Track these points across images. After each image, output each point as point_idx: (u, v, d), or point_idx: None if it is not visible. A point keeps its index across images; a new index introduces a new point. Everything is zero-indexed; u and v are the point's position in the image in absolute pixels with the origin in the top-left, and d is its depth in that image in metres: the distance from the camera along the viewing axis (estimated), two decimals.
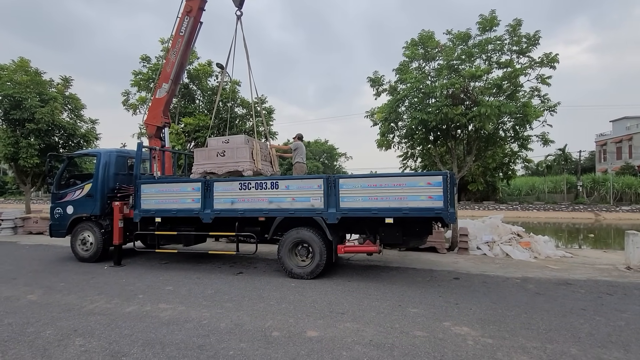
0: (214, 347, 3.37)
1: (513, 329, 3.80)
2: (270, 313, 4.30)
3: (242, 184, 6.26)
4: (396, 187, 5.44)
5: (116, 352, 3.27)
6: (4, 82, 13.01)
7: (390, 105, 8.60)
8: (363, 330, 3.75)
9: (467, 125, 8.28)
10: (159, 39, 13.80)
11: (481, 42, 8.04)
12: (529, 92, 8.32)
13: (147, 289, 5.41)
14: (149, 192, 6.96)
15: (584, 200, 33.70)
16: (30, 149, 13.23)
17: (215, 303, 4.71)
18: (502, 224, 8.91)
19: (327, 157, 57.50)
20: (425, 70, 8.81)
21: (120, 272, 6.60)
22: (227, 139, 7.37)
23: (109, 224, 7.43)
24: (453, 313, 4.29)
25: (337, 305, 4.57)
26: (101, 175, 7.65)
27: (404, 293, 5.13)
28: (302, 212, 5.92)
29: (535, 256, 7.90)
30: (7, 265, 7.32)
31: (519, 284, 5.67)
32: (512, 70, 7.68)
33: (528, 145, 8.94)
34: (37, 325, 3.93)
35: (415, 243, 6.33)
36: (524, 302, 4.74)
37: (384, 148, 9.72)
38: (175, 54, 8.58)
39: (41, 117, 12.85)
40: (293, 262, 6.10)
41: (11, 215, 13.08)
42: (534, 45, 7.85)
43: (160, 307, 4.54)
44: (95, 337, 3.60)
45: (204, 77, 14.36)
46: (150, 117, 8.75)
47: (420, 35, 8.68)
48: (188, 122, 12.54)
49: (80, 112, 15.34)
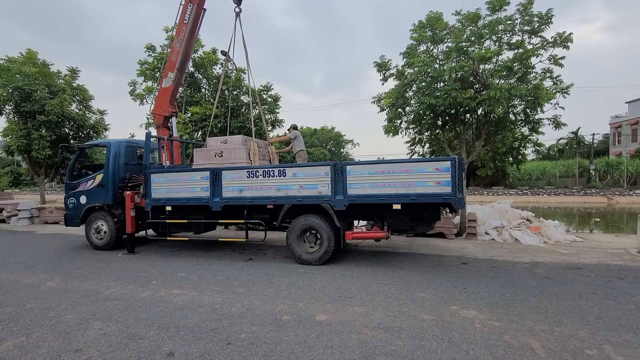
0: (227, 330, 3.48)
1: (521, 312, 3.83)
2: (280, 298, 4.40)
3: (250, 172, 6.30)
4: (404, 173, 5.42)
5: (133, 335, 3.40)
6: (13, 75, 13.17)
7: (397, 90, 8.47)
8: (371, 314, 3.82)
9: (477, 109, 8.13)
10: (163, 28, 13.75)
11: (491, 23, 7.80)
12: (540, 74, 8.09)
13: (161, 275, 5.57)
14: (158, 181, 7.07)
15: (597, 184, 33.11)
16: (42, 140, 13.49)
17: (227, 288, 4.83)
18: (511, 209, 8.84)
19: (334, 145, 57.24)
20: (434, 53, 8.62)
21: (134, 260, 6.79)
22: (225, 139, 7.50)
23: (121, 213, 7.60)
24: (461, 297, 4.33)
25: (346, 290, 4.65)
26: (112, 166, 7.78)
27: (411, 278, 5.18)
28: (309, 199, 5.96)
29: (545, 241, 7.86)
30: (26, 253, 7.59)
31: (527, 269, 5.67)
32: (523, 51, 7.45)
33: (539, 129, 8.76)
34: (58, 310, 4.10)
35: (423, 229, 6.34)
36: (533, 286, 4.75)
37: (392, 134, 9.63)
38: (180, 42, 8.54)
39: (51, 108, 13.03)
40: (302, 248, 6.19)
41: (27, 205, 13.43)
42: (546, 25, 7.58)
43: (174, 293, 4.67)
44: (113, 321, 3.75)
45: (209, 66, 14.32)
46: (158, 107, 8.79)
47: (428, 16, 8.45)
48: (194, 112, 12.58)
49: (89, 103, 15.50)
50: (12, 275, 5.77)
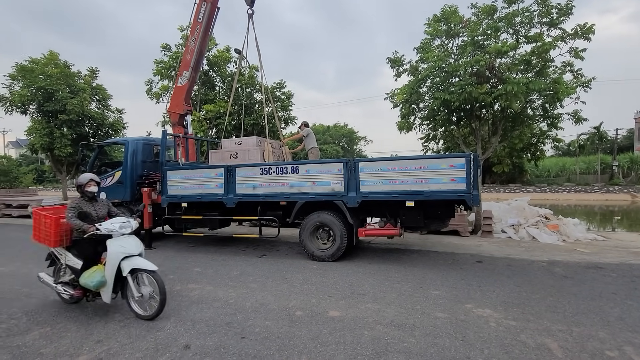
0: (241, 324, 3.55)
1: (538, 311, 3.75)
2: (293, 294, 4.45)
3: (263, 169, 6.36)
4: (417, 169, 5.37)
5: (151, 328, 3.51)
6: (36, 76, 13.66)
7: (411, 86, 8.37)
8: (384, 311, 3.81)
9: (493, 104, 7.95)
10: (178, 27, 13.94)
11: (508, 15, 7.58)
12: (560, 67, 7.83)
13: (177, 270, 5.71)
14: (174, 178, 7.22)
15: (620, 181, 31.89)
16: (64, 139, 13.97)
17: (241, 284, 4.91)
18: (529, 207, 8.63)
19: (346, 141, 57.07)
20: (448, 47, 8.46)
21: (151, 254, 6.97)
22: (239, 141, 7.59)
23: (139, 209, 7.80)
24: (475, 295, 4.27)
25: (359, 287, 4.65)
26: (130, 163, 7.99)
27: (425, 275, 5.14)
28: (322, 196, 5.98)
29: (564, 239, 7.64)
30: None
31: (545, 267, 5.54)
32: (541, 44, 7.22)
33: (558, 124, 8.49)
34: (80, 303, 4.25)
35: (437, 226, 6.26)
36: (550, 285, 4.64)
37: (405, 130, 9.53)
38: (194, 41, 8.66)
39: (72, 108, 13.47)
40: (314, 245, 6.22)
41: (51, 201, 13.98)
42: (566, 16, 7.32)
43: (190, 287, 4.79)
44: (132, 314, 3.87)
45: (223, 64, 14.47)
46: (173, 105, 8.95)
47: (443, 10, 8.29)
48: (209, 109, 12.76)
49: (107, 102, 15.94)
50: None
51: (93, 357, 2.96)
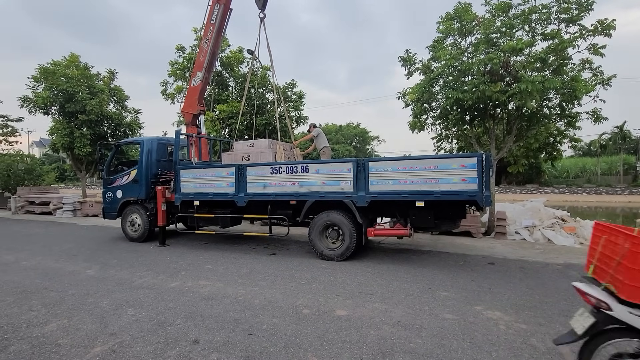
0: (249, 321, 3.60)
1: (550, 315, 3.66)
2: (301, 292, 4.48)
3: (274, 168, 6.42)
4: (427, 169, 5.31)
5: (162, 322, 3.60)
6: (58, 77, 14.16)
7: (423, 85, 8.27)
8: (391, 311, 3.80)
9: (507, 103, 7.78)
10: (192, 29, 14.19)
11: (524, 12, 7.40)
12: (578, 65, 7.59)
13: (189, 267, 5.83)
14: (187, 177, 7.37)
15: None
16: (84, 138, 14.45)
17: (250, 281, 4.97)
18: (545, 208, 8.41)
19: (359, 141, 56.81)
20: (461, 46, 8.32)
21: (164, 251, 7.15)
22: (252, 143, 7.67)
23: (153, 207, 8.00)
24: (486, 298, 4.20)
25: (367, 287, 4.65)
26: (145, 162, 8.20)
27: (434, 276, 5.08)
28: (332, 196, 5.99)
29: (581, 242, 7.42)
30: (69, 243, 8.19)
31: (560, 270, 5.39)
32: (559, 41, 7.01)
33: (576, 124, 8.23)
34: (96, 296, 4.41)
35: (448, 227, 6.18)
36: (565, 289, 4.51)
37: (417, 130, 9.42)
38: (208, 42, 8.80)
39: (91, 108, 13.91)
40: (324, 244, 6.24)
41: (71, 199, 14.48)
42: (586, 12, 7.09)
43: (201, 284, 4.88)
44: (145, 308, 3.98)
45: (236, 64, 14.65)
46: (187, 106, 9.13)
47: (456, 8, 8.16)
48: (222, 109, 12.95)
49: (125, 102, 16.39)
50: (57, 263, 6.26)
51: (107, 349, 3.06)
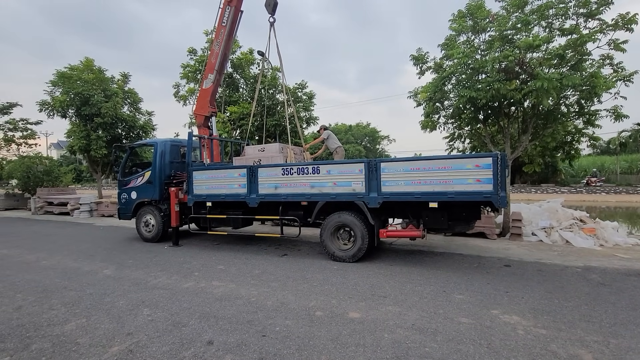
0: (262, 322, 3.61)
1: (571, 320, 3.55)
2: (313, 294, 4.47)
3: (285, 169, 6.43)
4: (441, 170, 5.23)
5: (177, 323, 3.64)
6: (74, 81, 14.53)
7: (435, 83, 8.14)
8: (405, 314, 3.75)
9: (523, 101, 7.59)
10: (204, 31, 14.36)
11: (540, 7, 7.20)
12: (598, 61, 7.35)
13: (202, 267, 5.89)
14: (200, 178, 7.45)
15: None
16: (99, 141, 14.80)
17: (263, 282, 4.99)
18: (562, 208, 8.18)
19: (369, 141, 56.56)
20: (474, 43, 8.16)
21: (178, 252, 7.24)
22: (262, 148, 7.70)
23: (167, 207, 8.12)
24: (502, 301, 4.11)
25: (379, 289, 4.60)
26: (158, 163, 8.33)
27: (448, 279, 5.00)
28: (343, 197, 5.96)
29: (601, 244, 7.18)
30: (86, 243, 8.39)
31: (579, 273, 5.23)
32: (577, 37, 6.80)
33: (595, 122, 7.98)
34: (112, 296, 4.50)
35: (462, 228, 6.08)
36: (585, 292, 4.38)
37: (429, 129, 9.29)
38: (219, 44, 8.88)
39: (106, 111, 14.23)
40: (335, 245, 6.21)
41: (87, 200, 14.82)
42: (606, 6, 6.85)
43: (214, 284, 4.92)
44: (160, 309, 4.04)
45: (247, 66, 14.75)
46: (199, 107, 9.23)
47: (469, 5, 8.01)
48: (233, 111, 13.05)
49: (138, 105, 16.70)
50: (75, 263, 6.42)
51: (124, 349, 3.11)
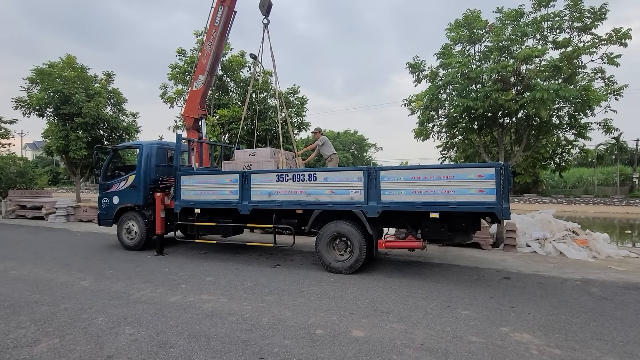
0: (258, 343, 3.30)
1: (583, 338, 3.41)
2: (312, 309, 4.19)
3: (280, 175, 6.16)
4: (443, 179, 5.08)
5: (164, 343, 3.29)
6: (54, 79, 13.84)
7: (430, 92, 8.11)
8: (412, 333, 3.52)
9: (518, 112, 7.63)
10: (194, 32, 14.04)
11: (536, 20, 7.30)
12: (590, 74, 7.48)
13: (189, 279, 5.50)
14: (188, 183, 7.07)
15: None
16: (79, 141, 14.08)
17: (256, 296, 4.67)
18: (555, 220, 8.20)
19: (356, 148, 56.81)
20: (470, 53, 8.19)
21: (162, 261, 6.80)
22: (253, 152, 7.43)
23: (151, 214, 7.67)
24: (509, 317, 3.94)
25: (381, 304, 4.37)
26: (143, 167, 7.88)
27: (450, 292, 4.82)
28: (341, 205, 5.73)
29: (594, 255, 7.21)
30: (61, 251, 7.81)
31: (580, 287, 5.16)
32: (573, 49, 6.90)
33: (586, 134, 8.10)
34: (90, 312, 4.08)
35: (461, 239, 5.94)
36: (590, 307, 4.28)
37: (422, 138, 9.25)
38: (211, 45, 8.59)
39: (87, 111, 13.59)
40: (331, 256, 5.95)
41: (64, 204, 13.99)
42: (599, 21, 6.99)
43: (203, 298, 4.57)
44: (144, 327, 3.66)
45: (237, 69, 14.47)
46: (188, 110, 8.87)
47: (466, 15, 8.06)
48: (223, 114, 12.71)
49: (122, 106, 16.07)
50: (49, 273, 5.90)
51: None
